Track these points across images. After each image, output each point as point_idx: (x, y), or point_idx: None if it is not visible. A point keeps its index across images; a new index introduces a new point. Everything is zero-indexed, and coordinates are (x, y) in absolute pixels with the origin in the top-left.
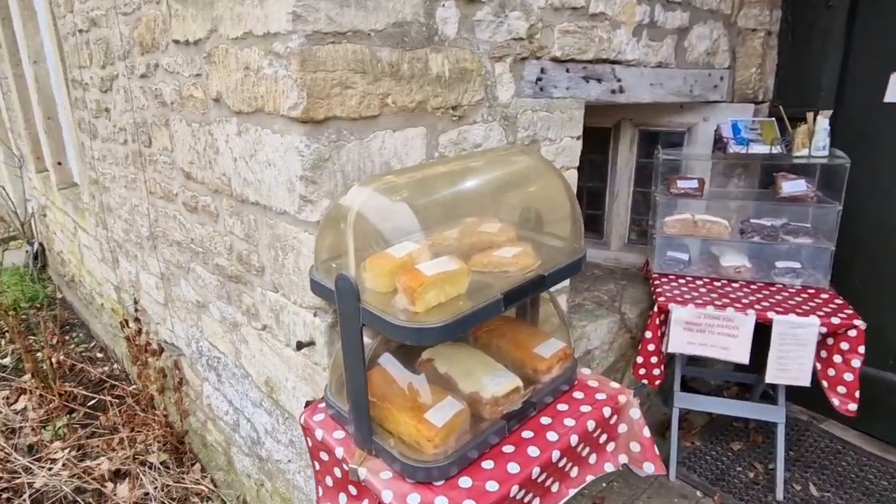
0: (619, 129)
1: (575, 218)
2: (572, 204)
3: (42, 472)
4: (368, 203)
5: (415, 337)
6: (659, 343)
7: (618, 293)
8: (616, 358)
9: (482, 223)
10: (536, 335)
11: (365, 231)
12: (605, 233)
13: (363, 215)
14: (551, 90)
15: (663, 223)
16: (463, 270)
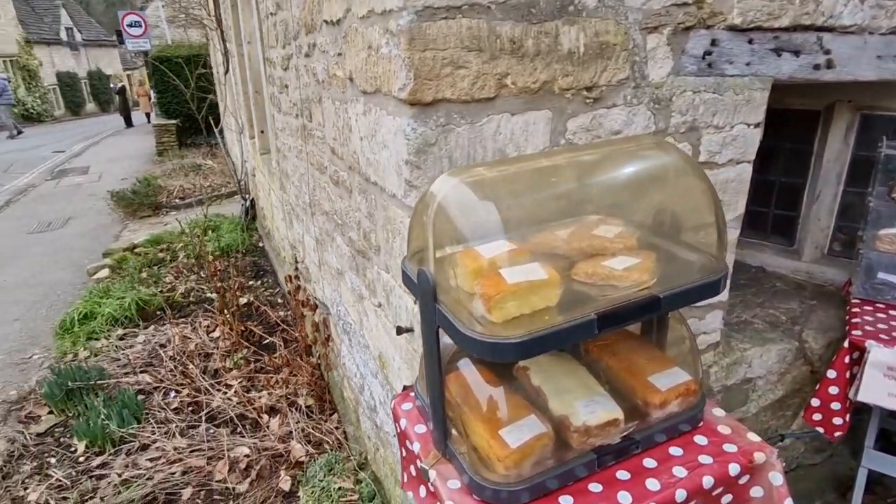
0: (831, 112)
1: (718, 228)
2: (717, 211)
3: (218, 396)
4: (451, 196)
5: (481, 350)
6: (846, 386)
7: (801, 315)
8: (786, 393)
9: (599, 225)
10: (657, 361)
11: (444, 226)
12: (796, 239)
13: (444, 208)
14: (723, 66)
15: (877, 236)
16: (552, 280)
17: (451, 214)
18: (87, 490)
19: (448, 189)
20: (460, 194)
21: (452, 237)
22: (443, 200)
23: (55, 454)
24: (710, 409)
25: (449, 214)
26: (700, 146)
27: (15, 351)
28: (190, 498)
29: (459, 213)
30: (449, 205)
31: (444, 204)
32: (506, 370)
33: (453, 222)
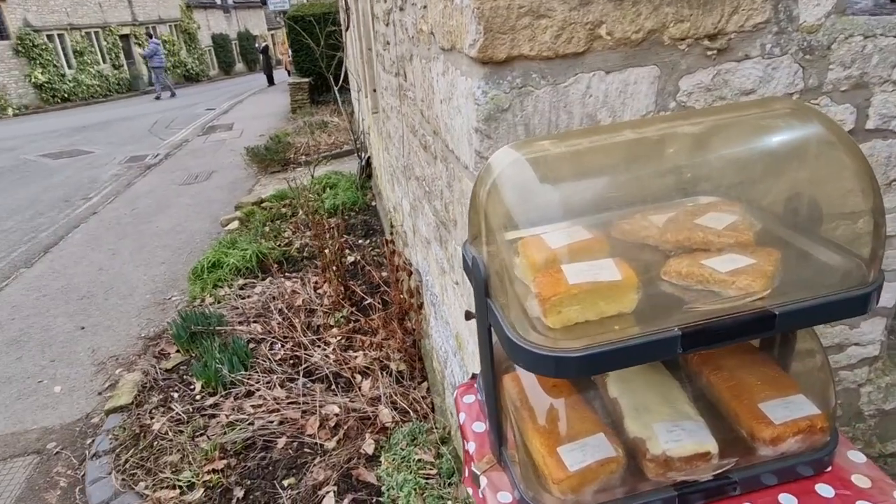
0: None
1: (875, 221)
2: (874, 199)
3: (317, 352)
4: (509, 173)
5: (526, 361)
6: None
7: None
8: None
9: (708, 211)
10: (775, 383)
11: (498, 208)
12: None
13: (499, 188)
14: None
15: None
16: (628, 283)
17: (506, 195)
18: (199, 427)
19: (507, 164)
20: (521, 171)
21: (508, 222)
22: (499, 178)
23: (178, 390)
24: (845, 452)
25: (504, 195)
26: (869, 109)
27: (159, 291)
28: (283, 447)
29: (517, 195)
30: (505, 183)
31: (499, 182)
32: None
33: (508, 205)
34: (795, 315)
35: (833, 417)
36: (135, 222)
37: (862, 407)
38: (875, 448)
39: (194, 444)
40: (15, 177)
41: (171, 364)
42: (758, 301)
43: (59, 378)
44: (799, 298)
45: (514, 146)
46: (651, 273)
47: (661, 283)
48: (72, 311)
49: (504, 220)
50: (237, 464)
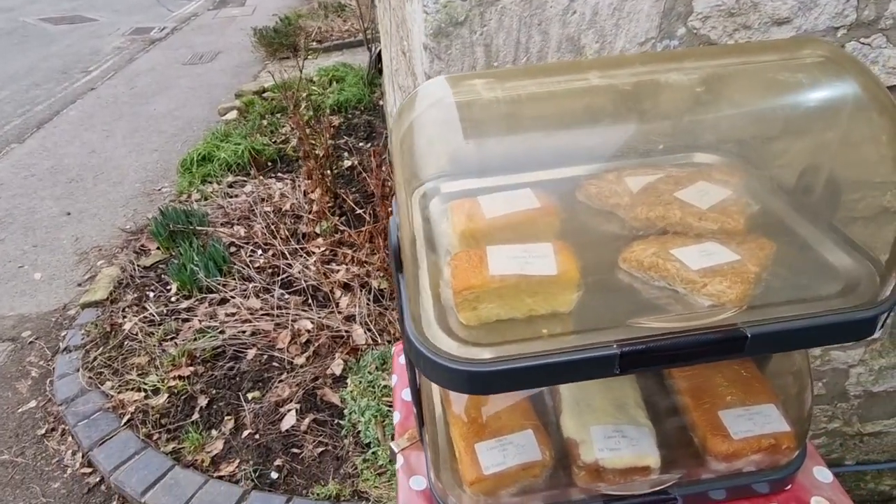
0: None
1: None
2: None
3: (298, 262)
4: (430, 113)
5: (421, 363)
6: None
7: None
8: None
9: (697, 179)
10: (746, 388)
11: (417, 160)
12: None
13: (415, 133)
14: None
15: None
16: (564, 280)
17: (420, 140)
18: (171, 330)
19: (434, 102)
20: (443, 112)
21: (417, 177)
22: (418, 118)
23: (154, 289)
24: (811, 468)
25: (419, 144)
26: None
27: (149, 181)
28: (252, 359)
29: (433, 141)
30: (424, 125)
31: (417, 126)
32: None
33: (420, 154)
34: (774, 339)
35: (804, 435)
36: (132, 102)
37: (848, 388)
38: (853, 427)
39: (162, 349)
40: (13, 41)
41: (151, 261)
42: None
43: (39, 265)
44: (782, 316)
45: (452, 78)
46: (608, 257)
47: (618, 273)
48: (59, 194)
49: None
50: (204, 372)
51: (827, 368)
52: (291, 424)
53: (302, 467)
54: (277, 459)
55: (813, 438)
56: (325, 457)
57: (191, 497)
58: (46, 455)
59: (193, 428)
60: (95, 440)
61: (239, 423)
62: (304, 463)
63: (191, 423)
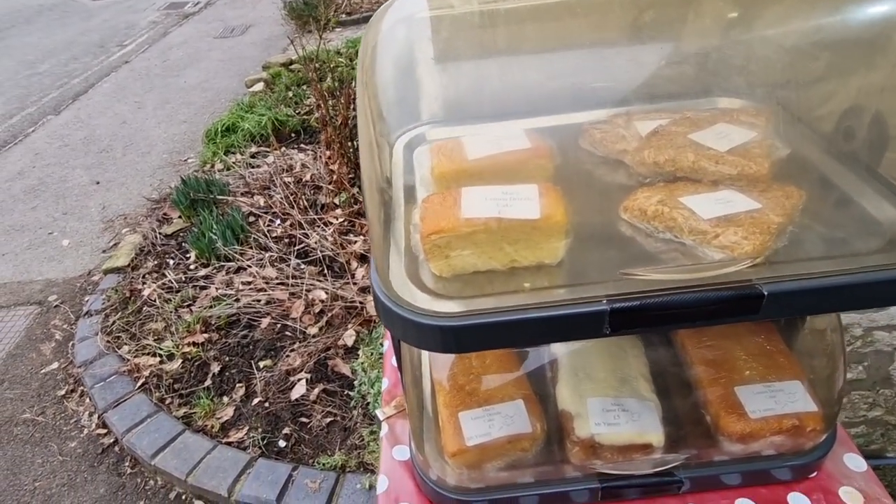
0: None
1: None
2: None
3: (316, 232)
4: (397, 30)
5: (392, 322)
6: None
7: None
8: None
9: (718, 121)
10: (769, 361)
11: (383, 92)
12: None
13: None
14: None
15: None
16: (549, 225)
17: (386, 72)
18: (187, 297)
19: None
20: (414, 29)
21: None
22: (383, 41)
23: (174, 257)
24: (841, 455)
25: (383, 71)
26: None
27: (176, 152)
28: (266, 328)
29: (419, 87)
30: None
31: (381, 48)
32: None
33: (390, 86)
34: (796, 298)
35: (834, 415)
36: (163, 74)
37: (892, 373)
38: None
39: (178, 316)
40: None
41: (172, 230)
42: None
43: (68, 231)
44: (806, 273)
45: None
46: (609, 208)
47: (619, 224)
48: (90, 163)
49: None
50: (218, 339)
51: (869, 350)
52: (301, 394)
53: (309, 437)
54: (286, 428)
55: (851, 427)
56: (333, 427)
57: (199, 462)
58: (65, 415)
59: (205, 394)
60: (110, 402)
61: (250, 390)
62: (312, 432)
63: (203, 389)
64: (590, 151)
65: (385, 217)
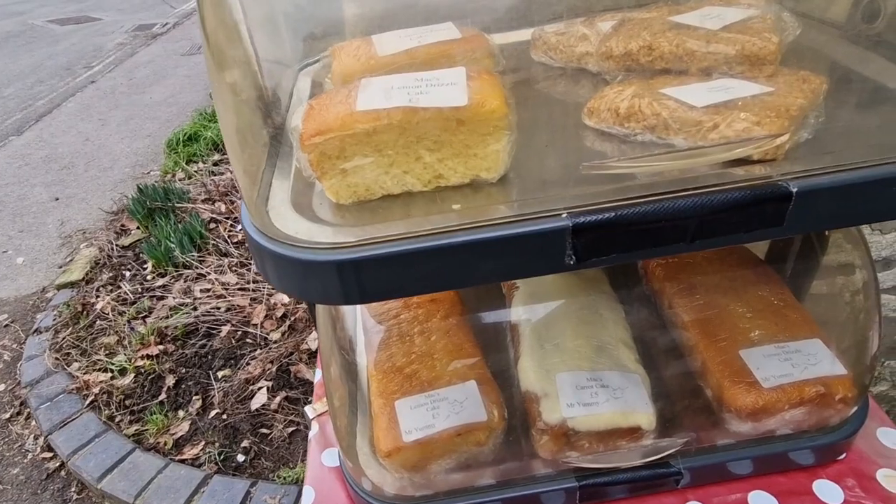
0: None
1: None
2: None
3: None
4: None
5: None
6: None
7: None
8: None
9: (700, 6)
10: (778, 318)
11: None
12: None
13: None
14: None
15: None
16: (484, 111)
17: None
18: (143, 309)
19: None
20: None
21: None
22: None
23: (130, 268)
24: (874, 430)
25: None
26: None
27: (139, 165)
28: (226, 336)
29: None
30: None
31: None
32: None
33: None
34: (836, 197)
35: (866, 379)
36: (129, 92)
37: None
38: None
39: (131, 328)
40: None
41: (129, 241)
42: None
43: (24, 249)
44: (844, 164)
45: None
46: (569, 120)
47: (584, 134)
48: (50, 181)
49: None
50: (174, 350)
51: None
52: (262, 403)
53: (270, 449)
54: (245, 441)
55: None
56: (295, 437)
57: (148, 482)
58: (9, 440)
59: (159, 409)
60: (56, 423)
61: (207, 402)
62: (273, 444)
63: (156, 403)
64: (545, 63)
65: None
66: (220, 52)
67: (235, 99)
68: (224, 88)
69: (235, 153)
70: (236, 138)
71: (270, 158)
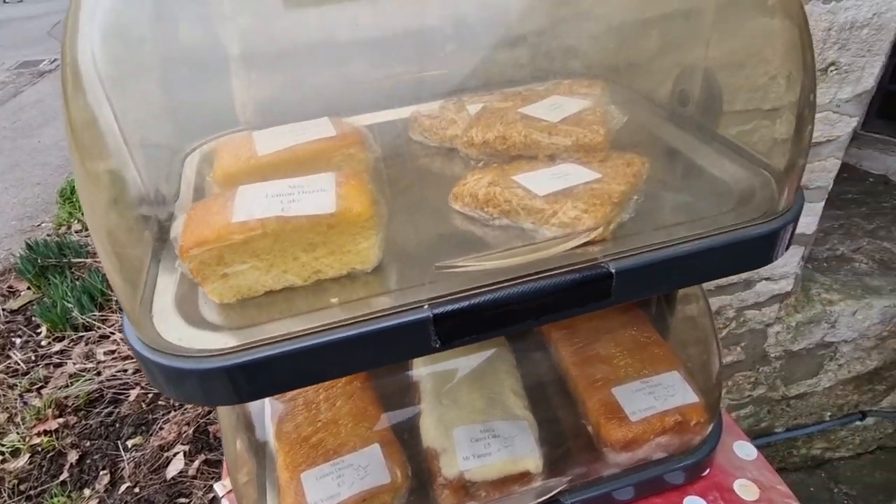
0: None
1: (800, 114)
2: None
3: None
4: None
5: (148, 372)
6: None
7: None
8: (882, 364)
9: (550, 95)
10: (647, 357)
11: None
12: None
13: None
14: None
15: None
16: (351, 216)
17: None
18: (38, 379)
19: None
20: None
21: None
22: None
23: (21, 334)
24: (732, 445)
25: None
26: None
27: (28, 217)
28: (136, 400)
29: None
30: None
31: None
32: None
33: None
34: (649, 273)
35: (716, 403)
36: (14, 136)
37: (768, 349)
38: (779, 391)
39: (24, 402)
40: None
41: (19, 304)
42: (592, 244)
43: None
44: (657, 243)
45: None
46: (440, 200)
47: (451, 216)
48: None
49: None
50: (77, 422)
51: (744, 331)
52: (179, 470)
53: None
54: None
55: (739, 408)
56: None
57: None
58: None
59: (60, 490)
60: None
61: (116, 476)
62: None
63: (58, 484)
64: (422, 143)
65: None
66: (86, 148)
67: (107, 198)
68: (92, 188)
69: (111, 261)
70: (109, 246)
71: (155, 255)
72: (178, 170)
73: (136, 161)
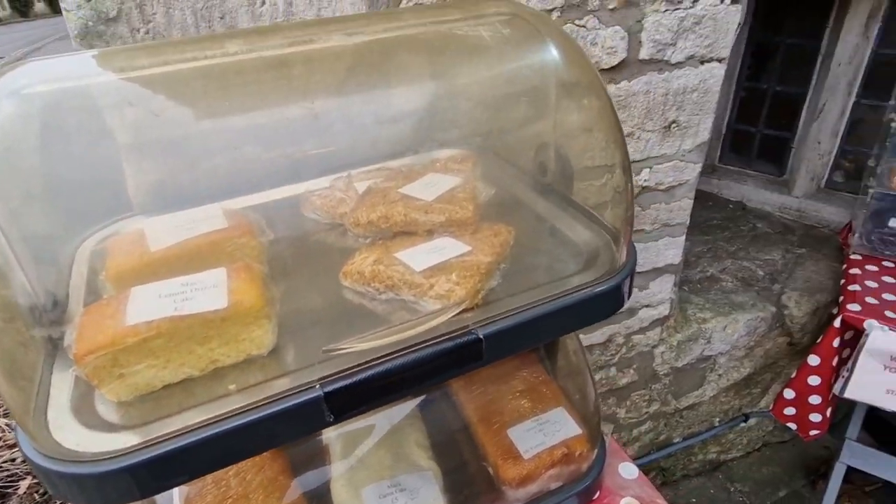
0: None
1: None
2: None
3: None
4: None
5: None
6: (830, 377)
7: (784, 269)
8: (754, 370)
9: (428, 172)
10: (537, 397)
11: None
12: (788, 167)
13: None
14: None
15: (892, 169)
16: (241, 310)
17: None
18: None
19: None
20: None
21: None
22: None
23: None
24: (617, 466)
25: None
26: (641, 34)
27: None
28: (27, 492)
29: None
30: None
31: None
32: None
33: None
34: (515, 335)
35: (596, 432)
36: None
37: (657, 368)
38: (671, 405)
39: None
40: None
41: None
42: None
43: None
44: (520, 306)
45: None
46: (333, 278)
47: (343, 292)
48: None
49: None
50: None
51: (633, 354)
52: None
53: None
54: None
55: (639, 425)
56: None
57: None
58: None
59: None
60: None
61: None
62: None
63: None
64: (315, 220)
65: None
66: None
67: None
68: None
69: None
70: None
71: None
72: (69, 262)
73: (21, 262)
